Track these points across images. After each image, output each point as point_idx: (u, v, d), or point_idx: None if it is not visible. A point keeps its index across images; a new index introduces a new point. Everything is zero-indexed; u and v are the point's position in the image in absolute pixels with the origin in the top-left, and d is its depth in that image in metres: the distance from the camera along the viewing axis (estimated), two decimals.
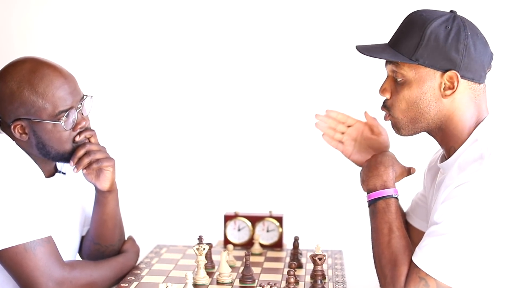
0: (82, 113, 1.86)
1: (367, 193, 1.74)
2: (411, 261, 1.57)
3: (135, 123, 3.23)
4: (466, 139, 1.63)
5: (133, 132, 3.22)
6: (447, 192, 1.55)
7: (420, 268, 1.54)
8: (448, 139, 1.66)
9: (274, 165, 3.17)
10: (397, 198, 1.71)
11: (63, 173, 1.96)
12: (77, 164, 1.87)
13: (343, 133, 1.99)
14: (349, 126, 1.99)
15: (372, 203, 1.71)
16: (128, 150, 3.16)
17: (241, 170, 3.19)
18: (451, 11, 1.65)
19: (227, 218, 2.30)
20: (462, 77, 1.59)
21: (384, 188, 1.70)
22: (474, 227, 1.50)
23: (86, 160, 1.86)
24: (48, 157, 1.84)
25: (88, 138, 1.88)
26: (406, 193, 1.97)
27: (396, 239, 1.62)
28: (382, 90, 1.71)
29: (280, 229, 2.28)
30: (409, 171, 1.82)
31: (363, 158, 1.94)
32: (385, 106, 1.71)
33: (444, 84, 1.61)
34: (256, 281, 1.90)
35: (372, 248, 1.68)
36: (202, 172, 3.21)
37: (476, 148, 1.58)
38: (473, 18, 1.70)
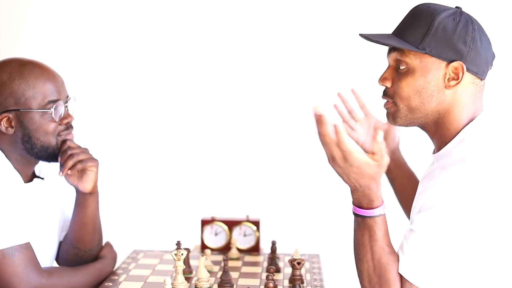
0: (67, 110, 1.89)
1: (353, 204, 1.57)
2: (401, 277, 1.54)
3: (110, 127, 3.21)
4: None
5: (109, 136, 3.20)
6: (428, 195, 1.54)
7: (412, 283, 1.52)
8: (442, 133, 1.64)
9: (250, 169, 3.18)
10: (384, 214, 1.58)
11: (41, 178, 1.95)
12: (62, 168, 1.87)
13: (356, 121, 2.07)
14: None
15: (359, 216, 1.56)
16: (104, 154, 3.14)
17: (217, 174, 3.19)
18: (456, 7, 1.65)
19: (204, 223, 2.29)
20: (467, 69, 1.58)
21: (371, 208, 1.54)
22: (451, 236, 1.49)
23: (70, 162, 1.87)
24: (32, 152, 1.84)
25: (68, 142, 1.89)
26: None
27: (387, 255, 1.55)
28: (383, 79, 1.67)
29: (257, 234, 2.28)
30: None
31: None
32: (387, 94, 1.68)
33: (449, 75, 1.59)
34: (235, 286, 1.90)
35: (359, 261, 1.58)
36: (178, 176, 3.20)
37: (460, 150, 1.57)
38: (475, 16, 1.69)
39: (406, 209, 2.03)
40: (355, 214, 1.57)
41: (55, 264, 2.05)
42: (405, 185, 2.03)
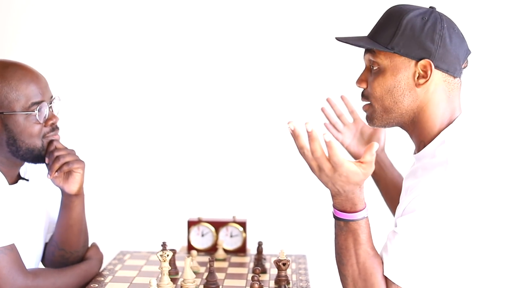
0: (52, 111, 1.88)
1: (334, 208, 1.54)
2: (386, 279, 1.54)
3: (97, 128, 3.21)
4: (436, 135, 1.63)
5: (95, 136, 3.20)
6: (411, 197, 1.55)
7: (398, 285, 1.52)
8: (419, 132, 1.66)
9: (237, 170, 3.18)
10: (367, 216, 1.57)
11: (26, 179, 1.95)
12: (50, 170, 1.87)
13: (344, 125, 2.11)
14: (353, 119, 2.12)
15: (341, 220, 1.54)
16: (90, 155, 3.13)
17: (204, 175, 3.19)
18: (430, 7, 1.67)
19: (191, 224, 2.29)
20: (436, 67, 1.60)
21: (355, 212, 1.52)
22: (435, 237, 1.50)
23: (56, 165, 1.86)
24: (17, 154, 1.83)
25: (54, 143, 1.88)
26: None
27: (371, 259, 1.54)
28: (359, 81, 1.70)
29: (244, 234, 2.28)
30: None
31: (360, 151, 2.07)
32: (364, 95, 1.70)
33: (418, 73, 1.61)
34: (220, 287, 1.90)
35: (342, 265, 1.57)
36: (165, 177, 3.20)
37: (443, 152, 1.58)
38: (452, 17, 1.71)
39: (392, 209, 2.04)
40: (337, 218, 1.54)
41: (41, 266, 2.04)
42: (389, 186, 2.05)
